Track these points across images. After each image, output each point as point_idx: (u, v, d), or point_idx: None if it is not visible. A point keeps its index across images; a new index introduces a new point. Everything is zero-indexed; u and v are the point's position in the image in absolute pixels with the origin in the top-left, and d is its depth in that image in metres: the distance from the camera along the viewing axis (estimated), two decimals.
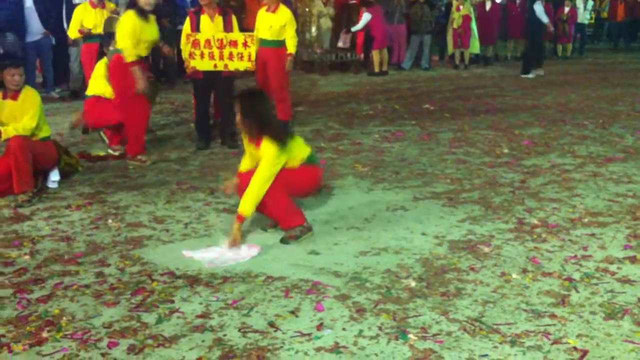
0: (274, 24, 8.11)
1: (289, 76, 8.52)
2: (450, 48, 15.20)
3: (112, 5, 9.03)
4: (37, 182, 5.71)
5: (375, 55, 13.78)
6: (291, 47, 8.22)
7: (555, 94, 11.26)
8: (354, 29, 13.77)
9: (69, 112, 9.13)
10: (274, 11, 8.16)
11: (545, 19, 13.24)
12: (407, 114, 9.43)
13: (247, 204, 4.42)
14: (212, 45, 6.84)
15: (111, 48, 7.05)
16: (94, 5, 8.74)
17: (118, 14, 8.84)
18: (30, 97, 5.70)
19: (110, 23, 8.33)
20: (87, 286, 3.90)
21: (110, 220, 5.04)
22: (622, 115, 9.32)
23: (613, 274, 4.05)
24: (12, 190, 5.51)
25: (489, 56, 15.77)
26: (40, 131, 5.76)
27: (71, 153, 6.51)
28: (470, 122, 8.77)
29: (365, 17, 13.56)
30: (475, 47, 14.91)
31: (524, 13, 16.40)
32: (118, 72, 6.52)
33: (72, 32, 9.03)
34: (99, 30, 8.42)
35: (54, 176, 5.90)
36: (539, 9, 13.18)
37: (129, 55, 6.36)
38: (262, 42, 8.13)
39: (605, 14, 20.95)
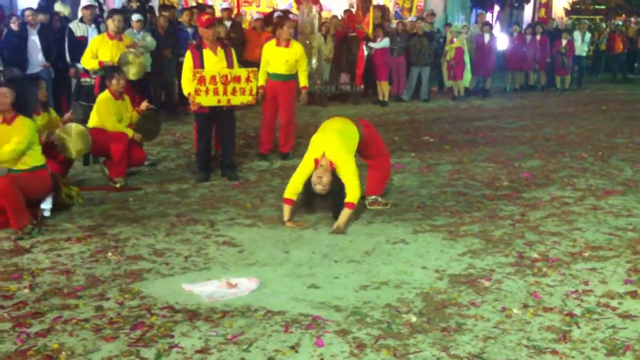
0: (290, 58, 8.16)
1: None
2: (445, 80, 15.32)
3: (128, 40, 8.97)
4: (37, 213, 5.67)
5: (385, 85, 13.95)
6: (304, 80, 8.40)
7: (554, 125, 11.30)
8: (373, 45, 13.83)
9: None
10: (287, 46, 8.22)
11: None
12: (406, 145, 9.45)
13: None
14: (216, 81, 6.88)
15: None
16: (111, 37, 8.68)
17: (135, 48, 8.83)
18: (24, 123, 5.58)
19: (125, 57, 8.34)
20: (86, 320, 3.89)
21: (110, 253, 5.03)
22: (620, 148, 9.35)
23: (614, 309, 4.04)
24: (8, 223, 5.43)
25: (487, 88, 15.84)
26: (31, 159, 5.62)
27: (71, 185, 6.51)
28: (470, 154, 8.80)
29: (386, 41, 13.77)
30: (466, 80, 14.97)
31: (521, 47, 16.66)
32: None
33: (87, 62, 8.84)
34: (115, 62, 8.38)
35: (46, 204, 5.79)
36: None
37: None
38: (274, 76, 8.15)
39: (603, 46, 21.10)
